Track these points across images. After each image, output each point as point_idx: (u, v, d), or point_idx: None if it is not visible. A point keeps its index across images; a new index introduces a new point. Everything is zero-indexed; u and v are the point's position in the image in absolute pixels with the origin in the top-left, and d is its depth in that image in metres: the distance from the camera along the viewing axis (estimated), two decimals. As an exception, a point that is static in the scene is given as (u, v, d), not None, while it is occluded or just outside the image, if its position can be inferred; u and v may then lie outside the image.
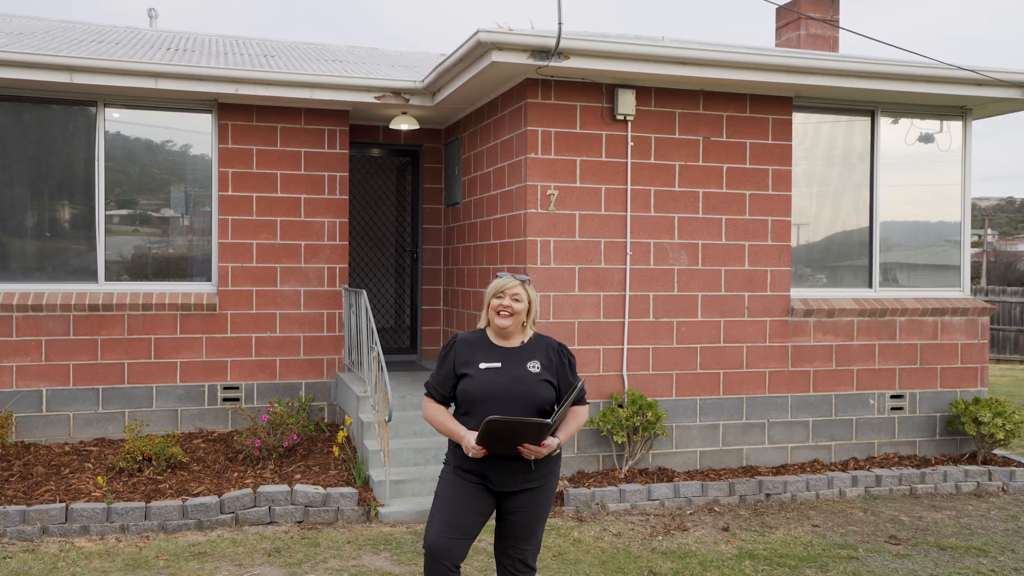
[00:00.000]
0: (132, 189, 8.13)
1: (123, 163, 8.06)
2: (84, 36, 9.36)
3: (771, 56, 7.21)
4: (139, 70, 7.41)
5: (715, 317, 7.49)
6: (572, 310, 7.13)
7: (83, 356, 7.74)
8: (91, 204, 7.90)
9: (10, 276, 7.75)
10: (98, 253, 7.90)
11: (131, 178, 8.12)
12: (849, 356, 7.90)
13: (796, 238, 7.92)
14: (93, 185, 7.88)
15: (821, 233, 8.12)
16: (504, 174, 7.54)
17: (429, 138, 9.63)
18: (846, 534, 6.27)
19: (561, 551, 5.68)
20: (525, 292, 3.78)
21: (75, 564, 5.28)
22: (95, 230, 7.89)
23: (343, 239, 8.42)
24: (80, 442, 7.62)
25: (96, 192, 7.88)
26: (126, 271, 8.09)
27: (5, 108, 7.72)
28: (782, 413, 7.70)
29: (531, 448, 3.57)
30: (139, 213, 8.19)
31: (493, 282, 3.79)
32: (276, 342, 8.23)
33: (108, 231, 7.96)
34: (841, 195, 8.16)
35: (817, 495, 7.23)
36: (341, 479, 6.63)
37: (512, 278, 3.77)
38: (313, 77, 7.80)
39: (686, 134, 7.40)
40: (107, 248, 7.94)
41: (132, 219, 8.16)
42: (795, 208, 7.84)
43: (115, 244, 8.03)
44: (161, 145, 8.21)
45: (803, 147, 7.94)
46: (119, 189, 8.05)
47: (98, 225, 7.88)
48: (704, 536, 6.13)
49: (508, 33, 6.43)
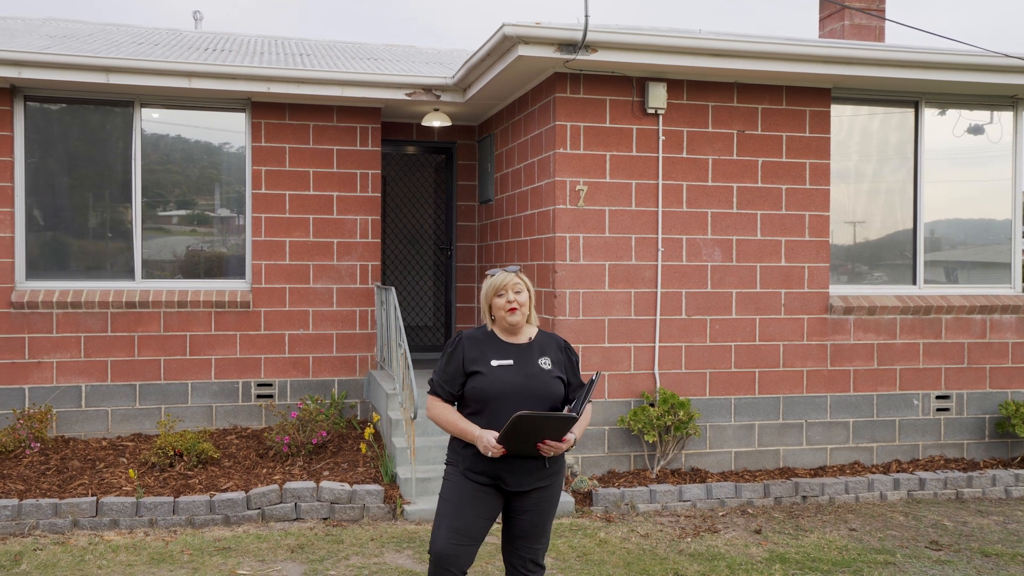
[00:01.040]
0: (168, 188, 8.24)
1: (159, 162, 8.17)
2: (126, 38, 9.52)
3: (808, 46, 7.01)
4: (173, 70, 7.50)
5: (750, 315, 7.31)
6: (602, 307, 7.02)
7: (121, 353, 7.86)
8: (128, 203, 8.02)
9: (50, 274, 7.90)
10: (135, 251, 8.01)
11: (167, 177, 8.23)
12: (892, 355, 7.65)
13: (835, 234, 7.69)
14: (130, 184, 8.00)
15: (861, 228, 7.88)
16: (534, 170, 7.47)
17: (463, 135, 9.59)
18: (884, 539, 6.06)
19: (586, 551, 5.59)
20: (523, 282, 3.71)
21: (102, 557, 5.34)
22: (132, 228, 8.01)
23: (375, 236, 8.43)
24: (118, 437, 7.74)
25: (133, 191, 7.99)
26: (162, 269, 8.20)
27: (46, 110, 7.88)
28: (821, 413, 7.49)
29: (552, 444, 3.49)
30: (174, 212, 8.29)
31: (487, 282, 3.71)
32: (309, 339, 8.27)
33: (145, 229, 8.07)
34: (883, 189, 7.91)
35: (856, 498, 7.01)
36: (368, 476, 6.62)
37: (505, 272, 3.69)
38: (344, 74, 7.81)
39: (719, 128, 7.23)
40: (144, 246, 8.06)
41: (168, 217, 8.26)
42: (834, 203, 7.62)
43: (151, 242, 8.14)
44: (196, 144, 8.31)
45: (842, 140, 7.72)
46: (155, 188, 8.16)
47: (135, 223, 8.00)
48: (735, 538, 5.97)
49: (534, 27, 6.35)
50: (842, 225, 7.77)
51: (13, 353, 7.67)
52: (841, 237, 7.77)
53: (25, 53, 7.27)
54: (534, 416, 3.37)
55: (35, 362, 7.71)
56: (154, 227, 8.18)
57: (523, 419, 3.36)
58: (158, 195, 8.20)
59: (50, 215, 7.94)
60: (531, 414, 3.36)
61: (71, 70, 7.38)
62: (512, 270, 3.71)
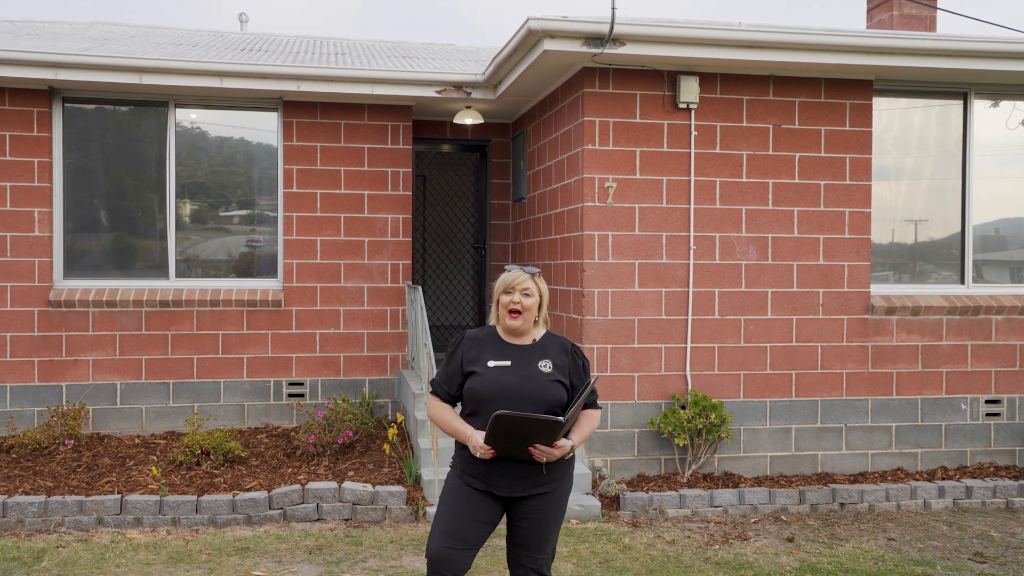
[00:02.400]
0: (201, 187, 8.29)
1: (193, 162, 8.23)
2: (166, 40, 9.63)
3: (848, 36, 6.75)
4: (204, 70, 7.54)
5: (786, 315, 7.08)
6: (632, 307, 6.85)
7: (155, 351, 7.93)
8: (163, 202, 8.09)
9: (87, 273, 8.02)
10: (169, 250, 8.09)
11: (201, 176, 8.28)
12: (937, 357, 7.34)
13: (877, 231, 7.41)
14: (164, 184, 8.07)
15: (905, 226, 7.58)
16: (564, 167, 7.33)
17: (497, 132, 9.49)
18: (924, 549, 5.79)
19: (608, 557, 5.44)
20: (536, 286, 3.57)
21: (122, 555, 5.37)
22: (166, 228, 8.08)
23: (406, 235, 8.37)
24: (151, 435, 7.81)
25: (167, 191, 8.06)
26: (195, 268, 8.26)
27: (83, 111, 7.99)
28: (861, 417, 7.21)
29: (543, 449, 3.37)
30: (208, 211, 8.34)
31: (501, 277, 3.60)
32: (340, 338, 8.25)
33: (178, 229, 8.14)
34: (928, 184, 7.60)
35: (898, 506, 6.74)
36: (393, 478, 6.56)
37: (521, 271, 3.57)
38: (373, 72, 7.77)
39: (754, 122, 7.01)
40: (177, 245, 8.12)
41: (201, 217, 8.32)
42: (876, 199, 7.34)
43: (185, 241, 8.21)
44: (229, 144, 8.35)
45: (885, 134, 7.43)
46: (189, 187, 8.23)
47: (169, 223, 8.07)
48: (765, 546, 5.77)
49: (560, 20, 6.22)
50: (884, 222, 7.48)
51: (51, 351, 7.79)
52: (883, 235, 7.48)
53: (61, 55, 7.38)
54: (514, 416, 3.26)
55: (72, 360, 7.82)
56: (188, 226, 8.24)
57: (502, 419, 3.25)
58: (192, 195, 8.27)
59: (87, 215, 8.05)
60: (510, 414, 3.25)
61: (105, 71, 7.46)
62: (530, 271, 3.59)
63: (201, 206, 8.32)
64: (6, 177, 7.71)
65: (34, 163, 7.76)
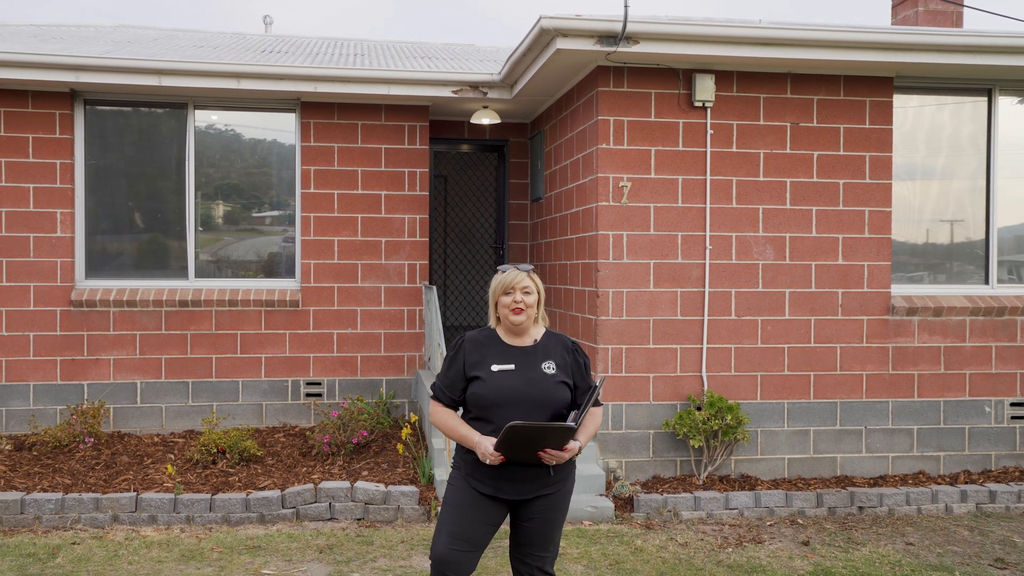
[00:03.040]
0: (220, 188, 8.36)
1: (212, 163, 8.29)
2: (188, 43, 9.71)
3: (867, 32, 6.64)
4: (222, 71, 7.60)
5: (804, 315, 6.99)
6: (647, 307, 6.80)
7: (174, 350, 8.00)
8: (182, 203, 8.16)
9: (108, 273, 8.11)
10: (188, 251, 8.16)
11: (219, 177, 8.35)
12: (960, 359, 7.21)
13: (897, 231, 7.29)
14: (184, 185, 8.14)
15: (927, 225, 7.45)
16: (579, 167, 7.30)
17: (515, 132, 9.47)
18: (944, 554, 5.68)
19: (619, 560, 5.40)
20: (534, 283, 3.56)
21: (135, 553, 5.41)
22: (186, 228, 8.15)
23: (423, 235, 8.38)
24: (171, 433, 7.89)
25: (187, 191, 8.14)
26: (214, 268, 8.33)
27: (105, 113, 8.08)
28: (882, 420, 7.10)
29: (553, 453, 3.35)
30: (227, 211, 8.41)
31: (497, 278, 3.57)
32: (357, 338, 8.27)
33: (198, 229, 8.21)
34: (952, 183, 7.46)
35: (919, 510, 6.62)
36: (406, 478, 6.56)
37: (517, 270, 3.55)
38: (389, 73, 7.78)
39: (772, 120, 6.93)
40: (197, 246, 8.20)
41: (220, 217, 8.39)
42: (896, 198, 7.23)
43: (204, 242, 8.28)
44: (248, 145, 8.41)
45: (906, 132, 7.31)
46: (208, 188, 8.29)
47: (188, 223, 8.14)
48: (779, 550, 5.69)
49: (572, 19, 6.19)
50: (905, 222, 7.35)
51: (73, 350, 7.89)
52: (904, 234, 7.36)
53: (81, 58, 7.47)
54: (528, 427, 3.23)
55: (93, 359, 7.91)
56: (206, 227, 8.31)
57: (516, 429, 3.22)
58: (211, 195, 8.33)
59: (108, 215, 8.14)
60: (524, 425, 3.22)
61: (125, 73, 7.55)
62: (524, 269, 3.58)
63: (220, 207, 8.39)
64: (29, 178, 7.82)
65: (56, 164, 7.87)
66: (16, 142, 7.82)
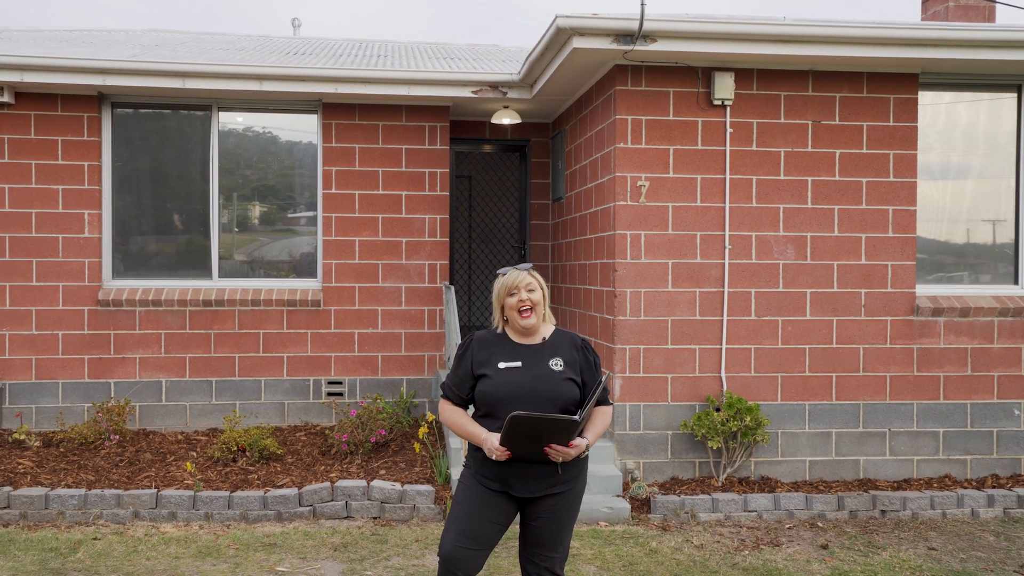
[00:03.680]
0: (243, 189, 8.45)
1: (235, 164, 8.38)
2: (215, 46, 9.83)
3: (892, 29, 6.53)
4: (244, 73, 7.67)
5: (826, 316, 6.89)
6: (664, 307, 6.75)
7: (198, 349, 8.10)
8: (206, 204, 8.26)
9: (134, 273, 8.23)
10: (212, 251, 8.25)
11: (242, 179, 8.44)
12: (988, 360, 7.07)
13: (922, 230, 7.16)
14: (208, 186, 8.24)
15: (953, 224, 7.31)
16: (597, 166, 7.27)
17: (536, 132, 9.46)
18: (967, 560, 5.57)
19: (632, 561, 5.36)
20: (536, 280, 3.56)
21: (153, 548, 5.49)
22: (210, 229, 8.25)
23: (444, 235, 8.40)
24: (195, 431, 7.98)
25: (211, 193, 8.24)
26: (237, 268, 8.42)
27: (132, 116, 8.21)
28: (906, 422, 6.98)
29: (559, 449, 3.35)
30: (250, 212, 8.49)
31: (500, 280, 3.58)
32: (378, 338, 8.32)
33: (221, 229, 8.30)
34: (979, 181, 7.32)
35: (944, 514, 6.50)
36: (423, 477, 6.58)
37: (517, 270, 3.55)
38: (409, 74, 7.81)
39: (792, 118, 6.84)
40: (220, 246, 8.29)
41: (243, 218, 8.47)
42: (921, 197, 7.10)
43: (227, 242, 8.37)
44: (271, 146, 8.49)
45: (931, 129, 7.18)
46: (231, 189, 8.38)
47: (212, 224, 8.24)
48: (797, 553, 5.62)
49: (589, 18, 6.16)
50: (930, 221, 7.23)
51: (100, 349, 8.02)
52: (929, 234, 7.23)
53: (108, 61, 7.59)
54: (530, 417, 3.24)
55: (120, 358, 8.04)
56: (230, 227, 8.40)
57: (518, 420, 3.23)
58: (234, 196, 8.42)
59: (134, 216, 8.26)
60: (526, 415, 3.23)
61: (149, 76, 7.66)
62: (524, 268, 3.59)
63: (243, 207, 8.48)
64: (58, 180, 7.97)
65: (84, 166, 8.00)
66: (46, 145, 7.97)
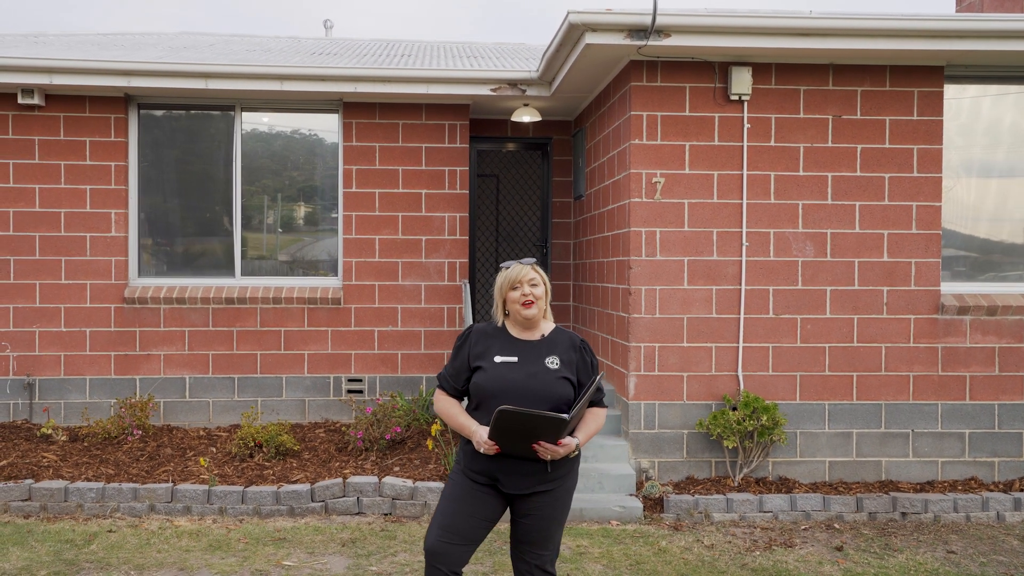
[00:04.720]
0: (265, 188, 8.54)
1: (258, 164, 8.48)
2: (242, 47, 9.95)
3: (916, 20, 6.37)
4: (265, 73, 7.75)
5: (847, 314, 6.76)
6: (680, 305, 6.68)
7: (221, 346, 8.20)
8: (229, 203, 8.37)
9: (158, 271, 8.37)
10: (235, 249, 8.36)
11: (265, 178, 8.53)
12: (1017, 360, 6.88)
13: (948, 227, 6.99)
14: (231, 185, 8.35)
15: (980, 221, 7.13)
16: (614, 163, 7.22)
17: (558, 130, 9.43)
18: (987, 564, 5.43)
19: (640, 560, 5.31)
20: (539, 275, 3.56)
21: (166, 541, 5.57)
22: (232, 227, 8.36)
23: (463, 233, 8.40)
24: (217, 427, 8.08)
25: (234, 192, 8.34)
26: (259, 266, 8.51)
27: (157, 117, 8.34)
28: (930, 423, 6.82)
29: (548, 447, 3.33)
30: (272, 211, 8.58)
31: (502, 274, 3.58)
32: (397, 336, 8.35)
33: (244, 228, 8.40)
34: (1008, 177, 7.12)
35: (967, 517, 6.34)
36: (436, 474, 6.58)
37: (520, 264, 3.54)
38: (427, 72, 7.83)
39: (812, 113, 6.73)
40: (243, 244, 8.39)
41: (265, 217, 8.56)
42: (946, 193, 6.93)
43: (250, 240, 8.47)
44: (293, 145, 8.57)
45: (956, 123, 7.01)
46: (254, 188, 8.48)
47: (235, 222, 8.34)
48: (809, 555, 5.52)
49: (601, 13, 6.12)
50: (956, 217, 7.05)
51: (126, 346, 8.16)
52: (955, 230, 7.06)
53: (132, 63, 7.72)
54: (518, 412, 3.22)
55: (145, 354, 8.17)
56: (252, 226, 8.50)
57: (506, 414, 3.21)
58: (256, 195, 8.52)
59: (159, 215, 8.40)
60: (513, 409, 3.22)
61: (173, 77, 7.77)
62: (527, 262, 3.58)
63: (265, 206, 8.57)
64: (86, 180, 8.12)
65: (111, 167, 8.15)
66: (74, 145, 8.13)
